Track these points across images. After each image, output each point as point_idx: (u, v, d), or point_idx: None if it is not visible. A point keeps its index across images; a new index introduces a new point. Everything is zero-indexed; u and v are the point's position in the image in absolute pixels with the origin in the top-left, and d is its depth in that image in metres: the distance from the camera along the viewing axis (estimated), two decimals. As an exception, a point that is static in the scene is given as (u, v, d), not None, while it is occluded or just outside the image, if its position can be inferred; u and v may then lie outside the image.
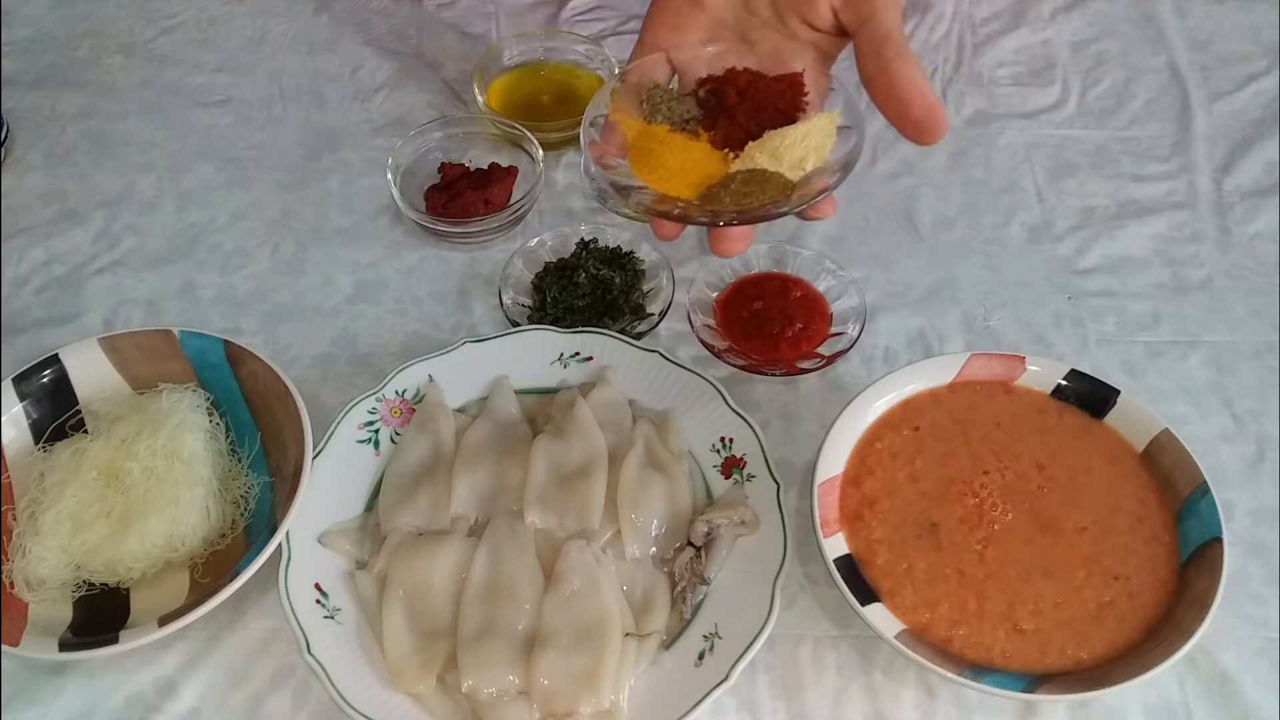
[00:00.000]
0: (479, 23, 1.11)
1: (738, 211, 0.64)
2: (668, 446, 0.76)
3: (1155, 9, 1.12)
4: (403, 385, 0.79)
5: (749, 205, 0.64)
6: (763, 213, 0.64)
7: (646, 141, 0.68)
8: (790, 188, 0.65)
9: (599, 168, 0.68)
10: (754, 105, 0.68)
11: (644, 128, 0.69)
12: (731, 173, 0.66)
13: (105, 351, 0.78)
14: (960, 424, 0.75)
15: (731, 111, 0.68)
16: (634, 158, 0.68)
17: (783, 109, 0.68)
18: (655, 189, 0.66)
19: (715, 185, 0.65)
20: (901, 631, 0.66)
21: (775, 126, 0.67)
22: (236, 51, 1.09)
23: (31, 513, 0.72)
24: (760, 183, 0.64)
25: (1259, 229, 0.93)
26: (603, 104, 0.70)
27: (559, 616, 0.68)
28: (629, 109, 0.70)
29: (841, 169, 0.65)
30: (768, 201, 0.64)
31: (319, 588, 0.70)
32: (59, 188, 0.97)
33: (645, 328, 0.85)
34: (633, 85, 0.71)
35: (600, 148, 0.68)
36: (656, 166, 0.66)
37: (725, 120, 0.68)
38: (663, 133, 0.68)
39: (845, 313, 0.85)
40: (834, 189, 0.65)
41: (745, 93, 0.69)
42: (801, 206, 0.64)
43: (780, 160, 0.65)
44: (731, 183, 0.65)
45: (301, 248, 0.93)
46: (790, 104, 0.69)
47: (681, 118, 0.69)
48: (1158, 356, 0.85)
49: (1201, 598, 0.65)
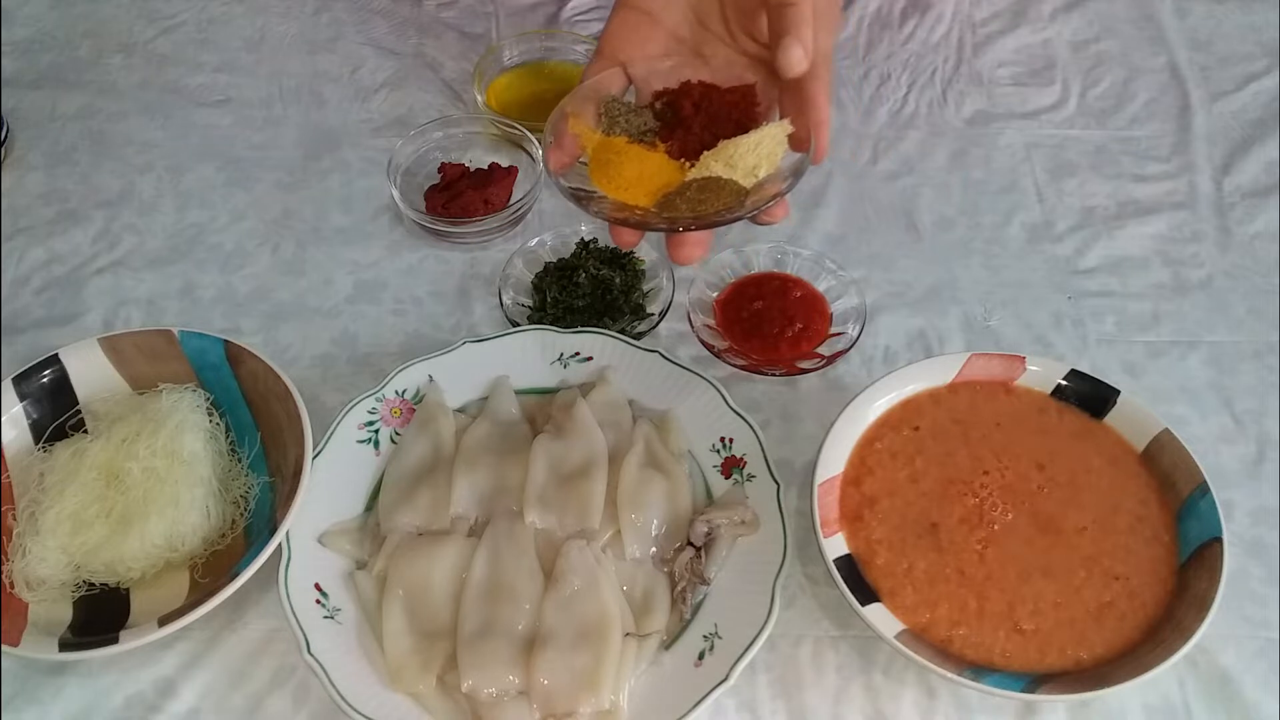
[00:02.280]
0: (479, 23, 1.11)
1: (694, 217, 0.66)
2: (668, 446, 0.76)
3: (1155, 9, 1.13)
4: (403, 385, 0.79)
5: (704, 211, 0.66)
6: (718, 218, 0.66)
7: (605, 153, 0.70)
8: (744, 194, 0.67)
9: (558, 177, 0.70)
10: (709, 116, 0.71)
11: (603, 139, 0.71)
12: (688, 180, 0.68)
13: (105, 351, 0.78)
14: (960, 424, 0.75)
15: (688, 123, 0.71)
16: (593, 168, 0.70)
17: (737, 119, 0.71)
18: (614, 198, 0.69)
19: (672, 193, 0.68)
20: (901, 631, 0.66)
21: (730, 136, 0.69)
22: (236, 51, 1.09)
23: (31, 513, 0.72)
24: (715, 190, 0.67)
25: (1259, 229, 0.93)
26: (560, 115, 0.72)
27: (559, 616, 0.68)
28: (587, 120, 0.72)
29: (792, 175, 0.68)
30: (722, 207, 0.66)
31: (319, 588, 0.70)
32: (59, 188, 0.97)
33: (645, 328, 0.85)
34: (591, 97, 0.73)
35: (559, 158, 0.70)
36: (615, 176, 0.69)
37: (682, 131, 0.71)
38: (621, 144, 0.71)
39: (845, 313, 0.85)
40: (786, 194, 0.67)
41: (700, 104, 0.71)
42: (755, 211, 0.67)
43: (734, 168, 0.68)
44: (688, 190, 0.67)
45: (301, 248, 0.93)
46: (744, 114, 0.71)
47: (639, 129, 0.72)
48: (1158, 356, 0.85)
49: (1201, 598, 0.65)
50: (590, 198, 0.69)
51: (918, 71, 1.06)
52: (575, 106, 0.72)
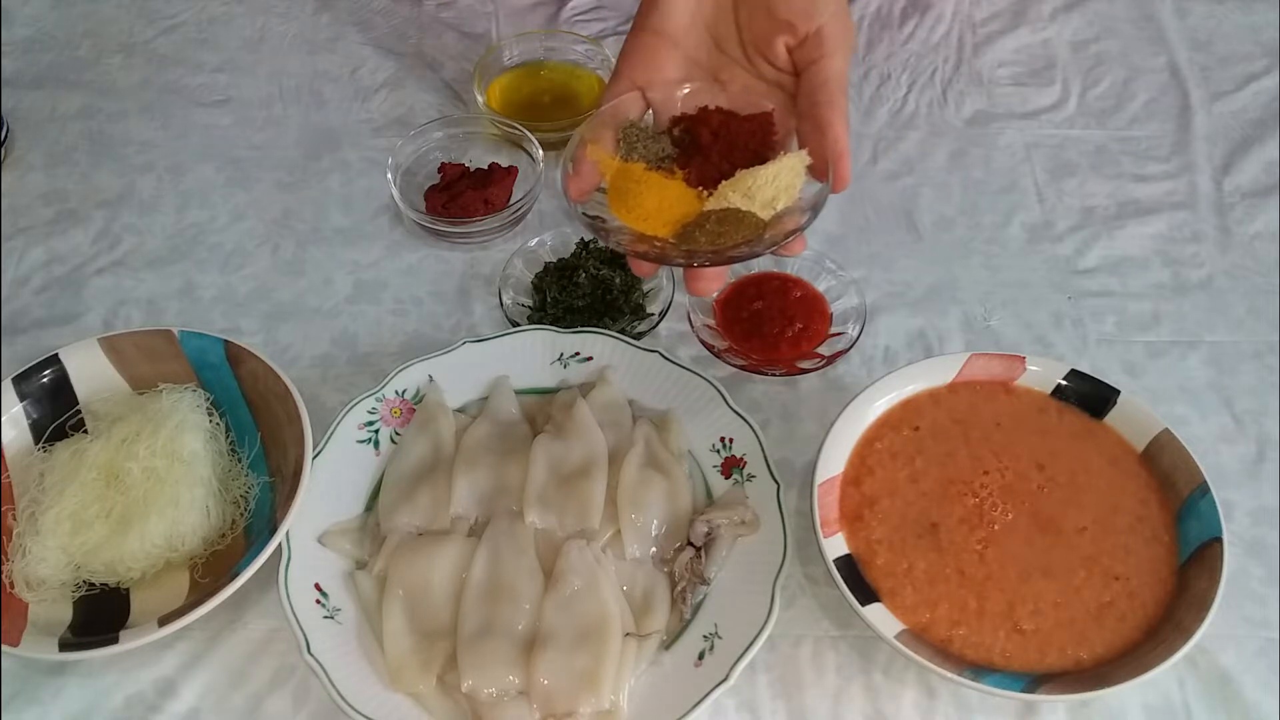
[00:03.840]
0: (479, 23, 1.11)
1: (712, 252, 0.65)
2: (668, 446, 0.76)
3: (1155, 9, 1.13)
4: (403, 385, 0.79)
5: (723, 245, 0.65)
6: (735, 253, 0.66)
7: (624, 181, 0.69)
8: (762, 226, 0.67)
9: (576, 205, 0.69)
10: (727, 144, 0.70)
11: (621, 166, 0.71)
12: (706, 212, 0.67)
13: (105, 351, 0.78)
14: (960, 424, 0.75)
15: (706, 150, 0.70)
16: (613, 197, 0.70)
17: (755, 148, 0.70)
18: (634, 228, 0.68)
19: (690, 224, 0.67)
20: (901, 631, 0.66)
21: (747, 164, 0.69)
22: (236, 51, 1.09)
23: (31, 513, 0.72)
24: (734, 222, 0.66)
25: (1259, 229, 0.93)
26: (578, 140, 0.71)
27: (559, 616, 0.68)
28: (605, 144, 0.72)
29: (811, 209, 0.67)
30: (740, 241, 0.66)
31: (319, 588, 0.70)
32: (59, 188, 0.97)
33: (645, 328, 0.85)
34: (609, 122, 0.72)
35: (578, 186, 0.70)
36: (635, 206, 0.68)
37: (700, 159, 0.70)
38: (639, 171, 0.70)
39: (845, 313, 0.85)
40: (804, 229, 0.66)
41: (719, 132, 0.70)
42: (773, 246, 0.66)
43: (753, 200, 0.67)
44: (706, 222, 0.66)
45: (301, 248, 0.93)
46: (762, 142, 0.70)
47: (657, 156, 0.71)
48: (1158, 356, 0.85)
49: (1201, 598, 0.65)
50: (608, 228, 0.69)
51: (918, 71, 1.06)
52: (593, 133, 0.71)
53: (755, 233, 0.66)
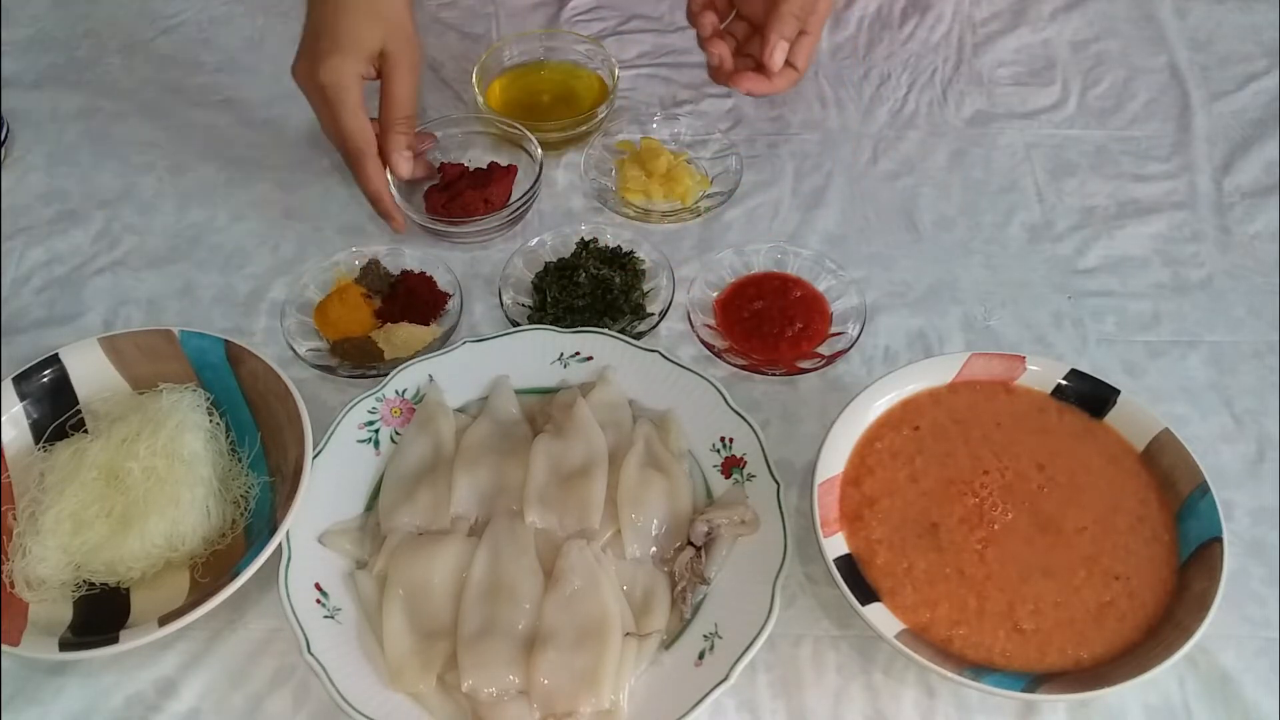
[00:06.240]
0: (479, 23, 1.11)
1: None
2: (668, 446, 0.76)
3: (1155, 9, 1.12)
4: (403, 385, 0.79)
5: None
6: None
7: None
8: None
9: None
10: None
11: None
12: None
13: (105, 351, 0.78)
14: (960, 424, 0.75)
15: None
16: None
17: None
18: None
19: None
20: (901, 631, 0.66)
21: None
22: (236, 51, 1.09)
23: (31, 513, 0.72)
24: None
25: (1259, 229, 0.93)
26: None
27: (559, 616, 0.68)
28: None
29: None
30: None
31: (319, 587, 0.70)
32: (59, 188, 0.97)
33: (645, 328, 0.85)
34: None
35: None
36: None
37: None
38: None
39: (845, 313, 0.85)
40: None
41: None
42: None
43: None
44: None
45: (301, 248, 0.93)
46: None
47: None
48: (1158, 356, 0.85)
49: (1201, 598, 0.65)
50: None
51: (918, 71, 1.06)
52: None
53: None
